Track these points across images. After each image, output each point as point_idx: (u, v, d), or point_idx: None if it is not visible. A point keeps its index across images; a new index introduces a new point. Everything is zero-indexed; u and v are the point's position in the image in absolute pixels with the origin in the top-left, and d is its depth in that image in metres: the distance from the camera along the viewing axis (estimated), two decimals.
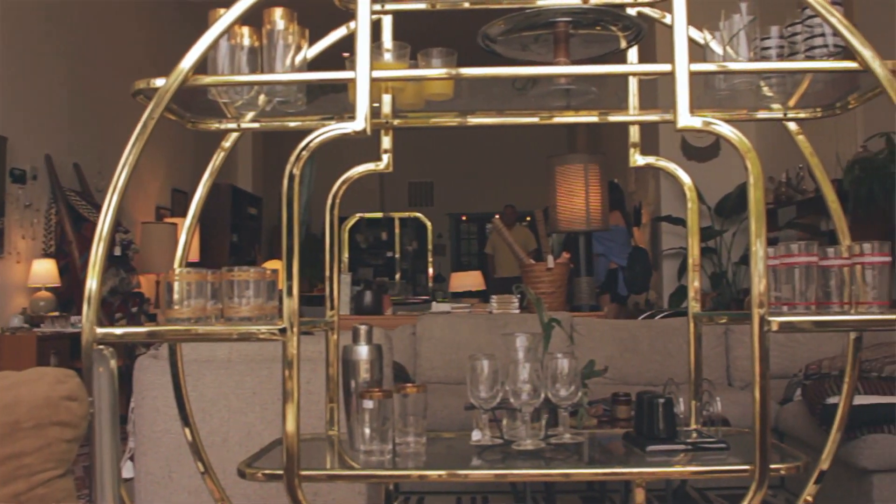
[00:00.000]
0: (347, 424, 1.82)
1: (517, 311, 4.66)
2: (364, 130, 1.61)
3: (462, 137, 13.19)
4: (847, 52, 1.71)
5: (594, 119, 2.12)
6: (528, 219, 11.15)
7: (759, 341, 1.51)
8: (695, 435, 1.84)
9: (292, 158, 1.56)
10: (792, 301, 1.67)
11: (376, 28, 2.06)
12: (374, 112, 1.96)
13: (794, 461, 1.68)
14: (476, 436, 1.79)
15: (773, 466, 1.58)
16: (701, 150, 7.01)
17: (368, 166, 2.04)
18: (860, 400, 2.96)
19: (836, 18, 1.67)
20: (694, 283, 2.06)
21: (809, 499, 1.93)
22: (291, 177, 1.56)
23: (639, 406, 1.81)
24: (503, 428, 1.82)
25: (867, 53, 1.64)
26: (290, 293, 1.56)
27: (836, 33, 1.70)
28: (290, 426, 1.54)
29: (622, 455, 1.79)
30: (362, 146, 2.17)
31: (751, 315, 1.52)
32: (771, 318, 1.52)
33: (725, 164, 6.99)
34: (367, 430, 1.68)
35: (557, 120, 2.17)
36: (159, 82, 1.65)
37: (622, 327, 4.47)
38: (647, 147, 2.10)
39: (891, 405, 2.94)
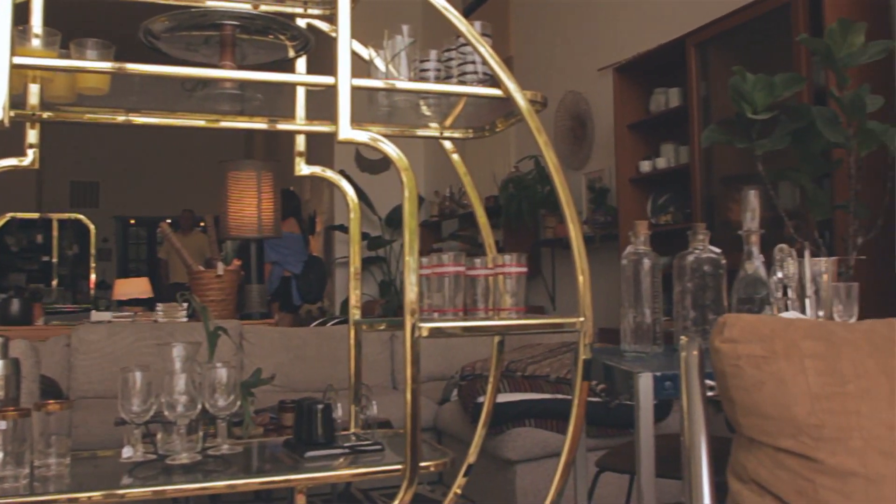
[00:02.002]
0: None
1: (185, 320, 4.49)
2: (1, 122, 1.46)
3: (133, 137, 12.45)
4: (494, 79, 1.87)
5: (263, 126, 2.12)
6: (203, 224, 10.81)
7: (411, 346, 1.60)
8: (353, 438, 1.90)
9: None
10: (442, 308, 1.79)
11: (23, 11, 1.88)
12: (19, 102, 1.79)
13: (443, 457, 1.80)
14: (127, 452, 1.69)
15: (423, 464, 1.68)
16: (373, 162, 7.27)
17: (9, 162, 1.85)
18: (506, 398, 3.24)
19: (484, 49, 1.82)
20: (355, 290, 2.12)
21: (458, 491, 2.07)
22: None
23: (298, 413, 1.83)
24: (157, 442, 1.74)
25: (510, 84, 1.81)
26: None
27: (485, 62, 1.85)
28: None
29: (283, 462, 1.80)
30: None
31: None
32: (422, 325, 1.61)
33: (396, 177, 7.28)
34: (1, 454, 1.52)
35: (225, 124, 2.13)
36: None
37: (293, 335, 4.48)
38: (325, 157, 2.14)
39: (531, 401, 3.25)
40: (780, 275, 1.57)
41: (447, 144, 2.23)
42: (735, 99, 2.59)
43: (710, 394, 1.15)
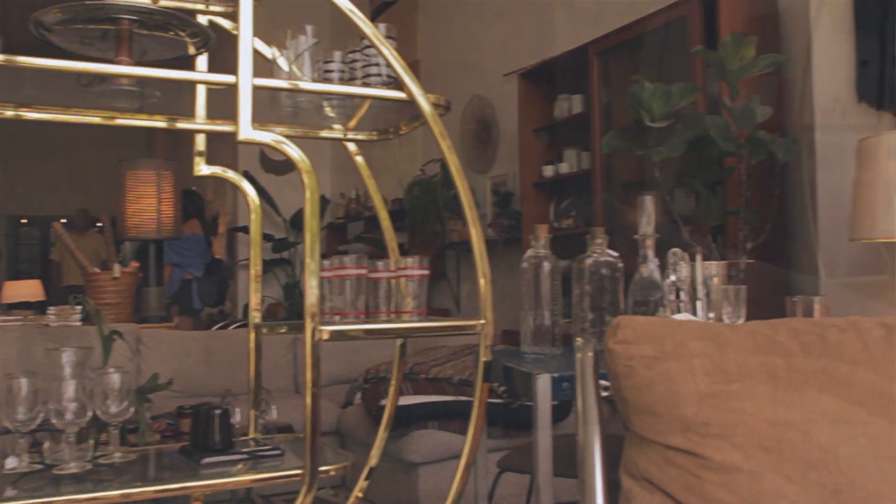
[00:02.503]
0: None
1: (79, 324, 4.33)
2: None
3: (26, 132, 11.93)
4: (399, 82, 1.87)
5: (162, 124, 2.06)
6: (100, 224, 10.45)
7: (312, 350, 1.58)
8: (252, 444, 1.86)
9: None
10: (344, 311, 1.78)
11: None
12: None
13: (344, 461, 1.78)
14: (11, 462, 1.62)
15: (323, 468, 1.66)
16: (278, 163, 7.16)
17: None
18: (410, 400, 3.24)
19: (388, 51, 1.82)
20: (256, 293, 2.09)
21: (360, 494, 2.06)
22: None
23: (195, 418, 1.79)
24: (45, 452, 1.67)
25: (414, 87, 1.81)
26: None
27: (389, 65, 1.85)
28: None
29: (179, 470, 1.75)
30: None
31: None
32: (322, 328, 1.60)
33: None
34: None
35: (122, 122, 2.05)
36: None
37: (192, 339, 4.38)
38: (229, 157, 2.09)
39: (434, 403, 3.26)
40: (673, 278, 1.62)
41: (351, 146, 2.22)
42: (634, 107, 2.67)
43: (605, 394, 1.18)
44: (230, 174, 2.14)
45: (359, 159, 2.20)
